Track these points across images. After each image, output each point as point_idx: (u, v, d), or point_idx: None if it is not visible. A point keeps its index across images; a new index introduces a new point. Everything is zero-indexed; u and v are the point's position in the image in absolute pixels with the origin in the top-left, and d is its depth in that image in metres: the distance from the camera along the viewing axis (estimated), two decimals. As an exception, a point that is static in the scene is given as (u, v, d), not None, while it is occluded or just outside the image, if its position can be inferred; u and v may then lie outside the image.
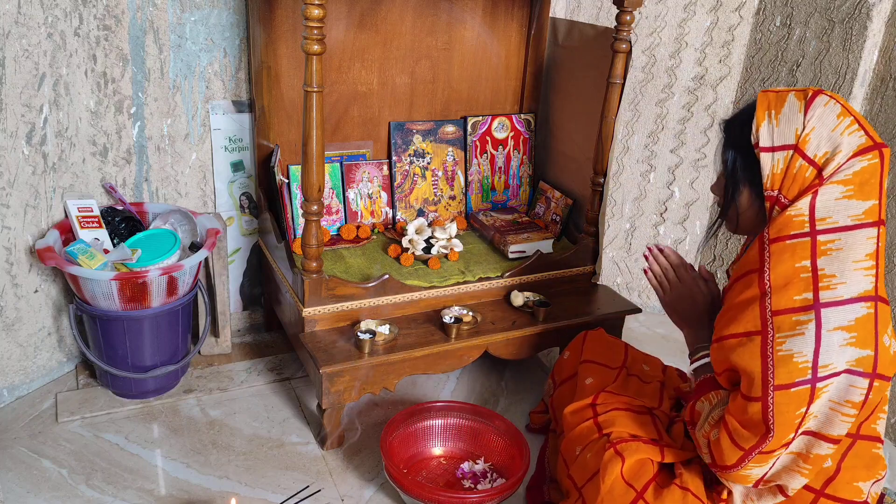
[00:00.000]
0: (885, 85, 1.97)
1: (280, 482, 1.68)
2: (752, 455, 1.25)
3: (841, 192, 1.23)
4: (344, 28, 2.02)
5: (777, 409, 1.21)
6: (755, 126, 1.29)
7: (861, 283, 1.22)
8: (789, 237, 1.25)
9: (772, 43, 2.22)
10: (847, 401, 1.21)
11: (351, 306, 1.81)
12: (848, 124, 1.24)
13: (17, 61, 1.68)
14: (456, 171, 2.27)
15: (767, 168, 1.28)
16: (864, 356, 1.20)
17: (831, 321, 1.20)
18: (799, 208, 1.25)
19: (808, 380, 1.19)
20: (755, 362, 1.23)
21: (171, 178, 2.03)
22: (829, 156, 1.24)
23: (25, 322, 1.86)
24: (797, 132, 1.26)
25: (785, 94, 1.30)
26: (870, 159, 1.23)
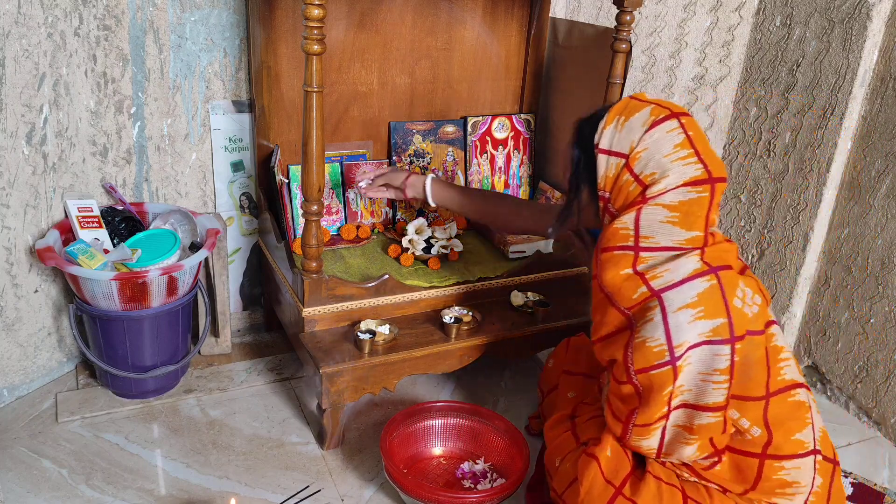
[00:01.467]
0: (885, 85, 1.97)
1: (280, 482, 1.68)
2: (629, 426, 1.36)
3: (665, 217, 1.31)
4: (344, 28, 2.03)
5: (643, 387, 1.31)
6: (602, 125, 1.37)
7: (686, 265, 1.30)
8: (616, 248, 1.34)
9: (772, 43, 2.22)
10: (715, 369, 1.28)
11: (351, 306, 1.81)
12: (685, 155, 1.30)
13: (17, 61, 1.68)
14: (456, 171, 2.27)
15: (602, 169, 1.37)
16: (718, 325, 1.27)
17: (674, 303, 1.28)
18: (624, 222, 1.34)
19: (667, 361, 1.28)
20: (620, 352, 1.34)
21: (171, 178, 2.03)
22: (657, 178, 1.31)
23: (25, 322, 1.86)
24: (632, 145, 1.33)
25: (645, 104, 1.36)
26: (699, 192, 1.30)
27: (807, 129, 2.14)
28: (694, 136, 1.32)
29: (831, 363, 2.17)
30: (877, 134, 2.00)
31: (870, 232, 2.03)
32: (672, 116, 1.33)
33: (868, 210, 2.03)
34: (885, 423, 2.03)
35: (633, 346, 1.31)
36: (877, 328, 2.02)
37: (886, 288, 1.98)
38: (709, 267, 1.30)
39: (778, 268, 2.26)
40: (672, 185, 1.30)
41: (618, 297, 1.34)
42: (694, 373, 1.29)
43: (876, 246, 2.01)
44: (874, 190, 2.01)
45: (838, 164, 2.08)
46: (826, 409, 2.14)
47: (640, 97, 1.39)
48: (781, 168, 2.22)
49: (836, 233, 2.13)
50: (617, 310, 1.35)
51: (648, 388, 1.30)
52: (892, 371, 1.99)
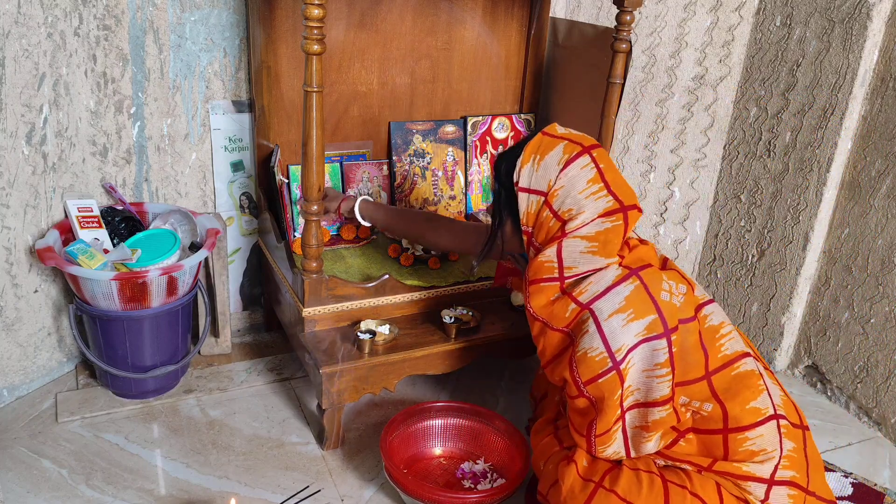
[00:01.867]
0: (885, 85, 1.97)
1: (280, 482, 1.68)
2: (591, 438, 1.39)
3: (585, 247, 1.38)
4: (344, 28, 2.02)
5: (595, 398, 1.36)
6: (519, 165, 1.43)
7: (607, 275, 1.37)
8: (543, 280, 1.42)
9: (772, 43, 2.22)
10: (656, 364, 1.33)
11: (351, 306, 1.81)
12: (596, 189, 1.38)
13: (17, 61, 1.68)
14: (456, 171, 2.27)
15: (524, 206, 1.44)
16: (650, 322, 1.33)
17: (604, 311, 1.34)
18: (548, 256, 1.41)
19: (610, 367, 1.32)
20: (567, 370, 1.39)
21: (171, 178, 2.03)
22: (574, 214, 1.39)
23: (25, 322, 1.86)
24: (549, 183, 1.40)
25: (558, 141, 1.42)
26: (613, 221, 1.38)
27: (807, 129, 2.14)
28: (605, 169, 1.40)
29: (831, 363, 2.17)
30: (877, 134, 2.00)
31: (870, 232, 2.03)
32: (584, 152, 1.40)
33: (868, 210, 2.03)
34: (886, 423, 2.03)
35: (575, 359, 1.36)
36: (877, 328, 2.02)
37: (886, 288, 1.98)
38: (629, 270, 1.38)
39: (778, 268, 2.26)
40: (588, 220, 1.38)
41: (552, 320, 1.41)
42: (638, 371, 1.34)
43: (876, 246, 2.01)
44: (874, 190, 2.01)
45: (838, 164, 2.08)
46: (826, 409, 2.14)
47: (551, 132, 1.45)
48: (781, 168, 2.22)
49: (836, 233, 2.13)
50: (555, 331, 1.41)
51: (600, 397, 1.35)
52: (892, 371, 1.99)
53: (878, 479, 1.86)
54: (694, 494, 1.35)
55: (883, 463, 1.93)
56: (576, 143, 1.42)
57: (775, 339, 2.30)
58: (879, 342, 2.01)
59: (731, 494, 1.36)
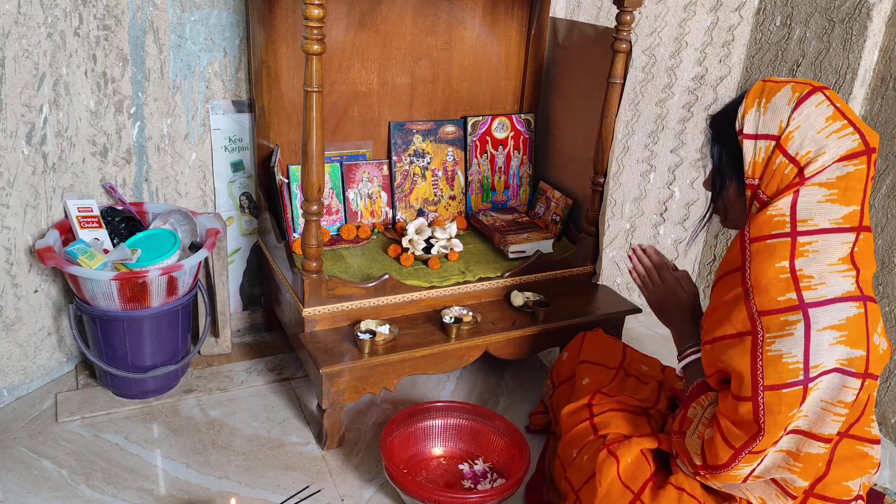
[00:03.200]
0: (885, 85, 1.97)
1: (280, 482, 1.68)
2: (742, 454, 1.24)
3: (824, 196, 1.22)
4: (344, 28, 2.02)
5: (768, 410, 1.20)
6: (742, 111, 1.28)
7: (842, 284, 1.21)
8: (770, 237, 1.23)
9: (772, 43, 2.22)
10: (839, 401, 1.20)
11: (351, 306, 1.81)
12: (839, 127, 1.22)
13: (17, 61, 1.68)
14: (456, 171, 2.27)
15: (749, 155, 1.27)
16: (855, 356, 1.19)
17: (820, 321, 1.18)
18: (780, 208, 1.24)
19: (800, 381, 1.18)
20: (745, 363, 1.22)
21: (171, 178, 2.03)
22: (813, 156, 1.23)
23: (25, 322, 1.86)
24: (781, 125, 1.24)
25: (784, 84, 1.28)
26: (856, 164, 1.22)
27: (807, 129, 2.14)
28: (842, 107, 1.25)
29: (831, 363, 2.17)
30: (877, 134, 2.00)
31: (870, 232, 2.03)
32: (816, 90, 1.25)
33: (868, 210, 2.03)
34: (886, 423, 2.02)
35: (764, 358, 1.20)
36: (877, 328, 2.02)
37: (886, 288, 1.98)
38: (860, 293, 1.21)
39: (778, 268, 2.26)
40: (829, 162, 1.22)
41: (760, 294, 1.22)
42: (817, 399, 1.21)
43: (876, 246, 2.01)
44: (874, 190, 2.01)
45: (838, 164, 2.08)
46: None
47: (774, 79, 1.31)
48: (781, 168, 2.22)
49: (837, 233, 2.13)
50: (747, 309, 1.23)
51: (773, 408, 1.20)
52: (892, 371, 1.99)
53: (879, 479, 1.86)
54: None
55: (883, 463, 1.93)
56: (803, 83, 1.26)
57: (775, 339, 2.30)
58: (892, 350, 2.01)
59: None
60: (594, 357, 1.76)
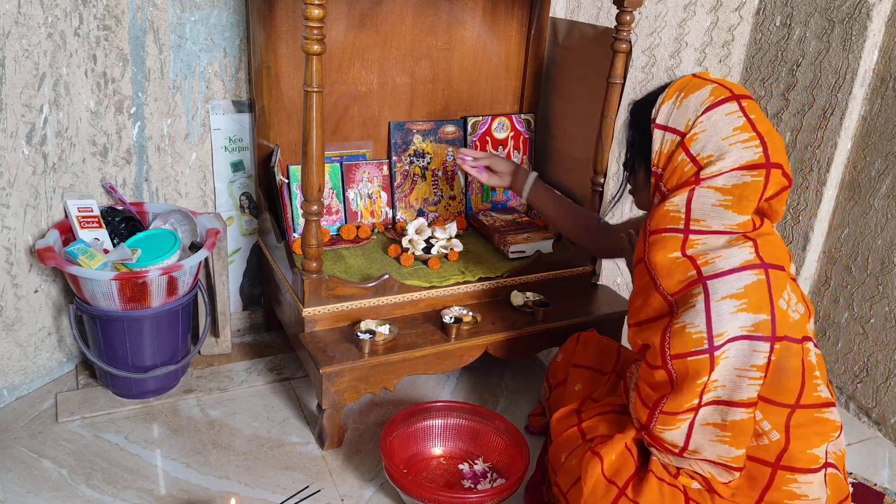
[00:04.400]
0: (885, 85, 1.97)
1: (280, 482, 1.68)
2: (656, 413, 1.32)
3: (718, 200, 1.28)
4: (344, 28, 2.03)
5: (679, 376, 1.28)
6: (661, 100, 1.35)
7: (738, 255, 1.27)
8: (666, 230, 1.32)
9: (772, 43, 2.22)
10: (752, 365, 1.26)
11: (351, 306, 1.81)
12: (746, 138, 1.28)
13: (17, 61, 1.68)
14: (456, 171, 2.27)
15: (657, 144, 1.34)
16: (760, 321, 1.25)
17: (718, 291, 1.25)
18: (676, 204, 1.31)
19: (705, 349, 1.25)
20: (657, 336, 1.32)
21: (171, 178, 2.03)
22: (712, 160, 1.29)
23: (25, 322, 1.86)
24: (688, 123, 1.31)
25: (707, 84, 1.33)
26: (754, 176, 1.27)
27: (807, 129, 2.14)
28: (756, 120, 1.29)
29: (831, 363, 2.17)
30: (877, 134, 2.00)
31: (870, 232, 2.03)
32: (732, 98, 1.30)
33: (868, 210, 2.03)
34: (885, 423, 2.03)
35: (671, 330, 1.29)
36: (877, 328, 2.02)
37: (886, 288, 1.98)
38: (761, 261, 1.27)
39: (778, 268, 2.26)
40: (727, 168, 1.28)
41: (665, 279, 1.31)
42: (730, 367, 1.27)
43: (876, 246, 2.01)
44: (874, 190, 2.01)
45: (838, 164, 2.08)
46: (826, 409, 2.14)
47: (703, 76, 1.36)
48: (781, 168, 2.22)
49: (836, 233, 2.13)
50: (660, 294, 1.32)
51: (683, 375, 1.28)
52: (892, 371, 1.99)
53: (878, 479, 1.86)
54: None
55: (883, 463, 1.93)
56: (726, 87, 1.32)
57: (775, 339, 2.30)
58: (879, 342, 2.01)
59: None
60: (587, 361, 1.76)
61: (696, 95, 1.32)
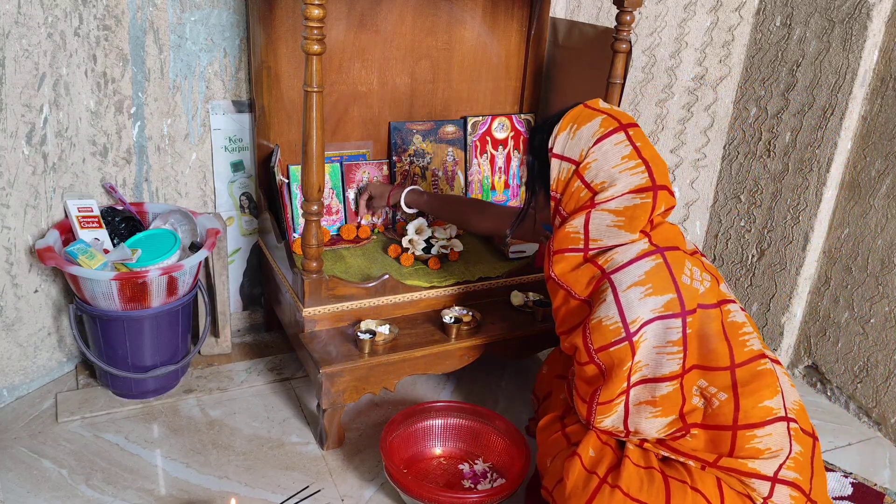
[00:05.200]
0: (885, 85, 1.97)
1: (280, 482, 1.68)
2: (593, 406, 1.42)
3: (612, 221, 1.41)
4: (344, 28, 2.03)
5: (605, 366, 1.38)
6: (556, 131, 1.47)
7: (633, 248, 1.40)
8: (567, 250, 1.45)
9: (772, 43, 2.22)
10: (668, 342, 1.36)
11: (351, 306, 1.81)
12: (632, 166, 1.40)
13: (17, 61, 1.68)
14: (456, 171, 2.27)
15: (555, 172, 1.47)
16: (668, 300, 1.36)
17: (623, 282, 1.37)
18: (575, 226, 1.44)
19: (623, 337, 1.35)
20: (579, 336, 1.42)
21: (171, 178, 2.03)
22: (606, 186, 1.41)
23: (25, 322, 1.86)
24: (581, 153, 1.43)
25: (598, 115, 1.46)
26: (643, 198, 1.40)
27: (807, 129, 2.14)
28: (641, 147, 1.42)
29: (831, 363, 2.17)
30: (877, 134, 2.00)
31: (870, 232, 2.03)
32: (620, 129, 1.43)
33: (868, 210, 2.03)
34: (885, 423, 2.03)
35: (590, 326, 1.39)
36: (877, 328, 2.02)
37: (886, 288, 1.98)
38: (655, 248, 1.40)
39: (778, 268, 2.26)
40: (619, 193, 1.40)
41: (574, 286, 1.44)
42: (649, 347, 1.36)
43: (876, 246, 2.01)
44: (874, 190, 2.01)
45: (838, 164, 2.08)
46: (826, 409, 2.14)
47: (593, 105, 1.48)
48: (781, 168, 2.22)
49: (836, 233, 2.13)
50: (576, 299, 1.44)
51: (610, 365, 1.38)
52: (892, 371, 1.99)
53: (878, 479, 1.86)
54: (695, 489, 1.36)
55: (883, 463, 1.93)
56: (614, 118, 1.45)
57: (775, 339, 2.30)
58: (879, 342, 2.01)
59: (732, 490, 1.37)
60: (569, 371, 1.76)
61: (588, 127, 1.44)
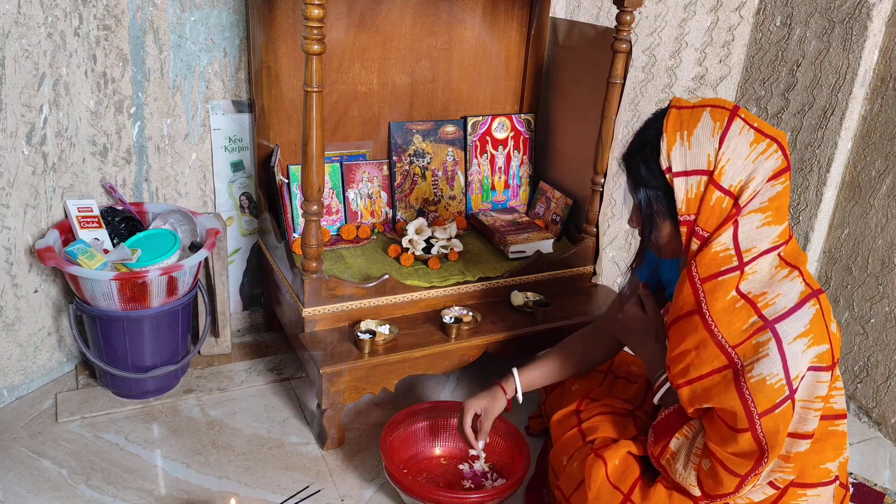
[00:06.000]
0: (885, 85, 1.97)
1: (280, 482, 1.68)
2: (749, 478, 1.25)
3: (760, 220, 1.23)
4: (344, 28, 2.02)
5: (768, 434, 1.20)
6: (665, 148, 1.24)
7: (794, 288, 1.22)
8: (720, 273, 1.23)
9: (772, 43, 2.22)
10: (816, 397, 1.23)
11: (351, 306, 1.81)
12: (763, 149, 1.22)
13: (17, 61, 1.68)
14: (456, 171, 2.27)
15: (682, 193, 1.24)
16: (823, 352, 1.22)
17: (789, 333, 1.19)
18: (723, 243, 1.23)
19: (787, 396, 1.19)
20: (733, 397, 1.21)
21: (171, 178, 2.03)
22: (744, 183, 1.22)
23: (25, 322, 1.86)
24: (709, 158, 1.22)
25: (700, 111, 1.25)
26: (782, 182, 1.23)
27: (807, 129, 2.14)
28: (760, 126, 1.24)
29: (831, 363, 2.17)
30: (877, 134, 2.00)
31: (870, 232, 2.03)
32: (733, 115, 1.23)
33: (868, 210, 2.03)
34: (886, 423, 2.03)
35: (749, 386, 1.19)
36: (877, 328, 2.02)
37: (886, 288, 1.98)
38: (811, 290, 1.23)
39: (778, 268, 2.26)
40: (759, 187, 1.22)
41: (725, 328, 1.22)
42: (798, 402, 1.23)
43: (876, 246, 2.01)
44: (874, 190, 2.01)
45: (838, 164, 2.08)
46: (826, 409, 2.14)
47: (683, 104, 1.27)
48: (781, 168, 2.22)
49: (836, 233, 2.13)
50: (720, 348, 1.23)
51: (773, 431, 1.20)
52: (892, 371, 1.99)
53: (878, 479, 1.86)
54: None
55: (883, 463, 1.93)
56: (719, 107, 1.24)
57: (775, 339, 2.30)
58: (879, 342, 2.01)
59: None
60: None
61: (702, 127, 1.23)
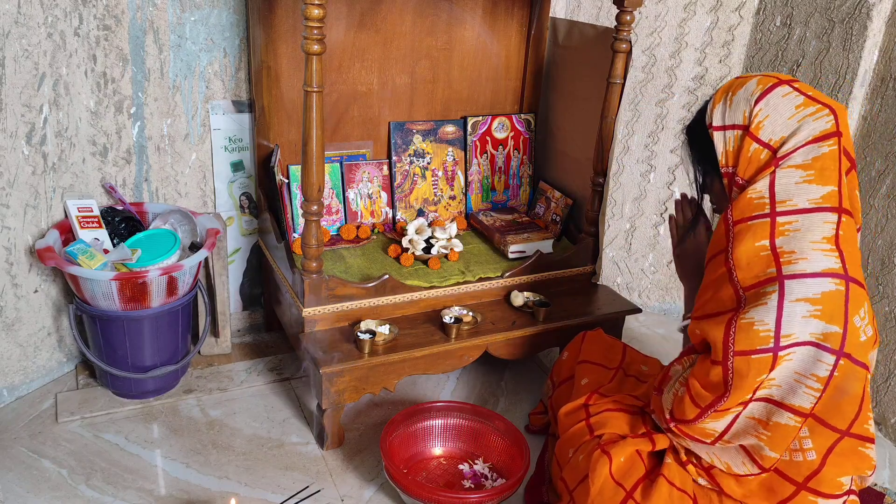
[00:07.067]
0: (885, 85, 1.97)
1: (280, 482, 1.68)
2: (707, 413, 1.29)
3: (801, 177, 1.26)
4: (344, 28, 2.02)
5: (736, 373, 1.24)
6: (711, 106, 1.36)
7: (823, 261, 1.23)
8: (750, 218, 1.28)
9: (772, 43, 2.22)
10: (812, 374, 1.23)
11: (351, 306, 1.81)
12: (812, 111, 1.27)
13: (17, 61, 1.68)
14: (456, 171, 2.27)
15: (721, 145, 1.34)
16: (831, 331, 1.22)
17: (794, 292, 1.22)
18: (758, 190, 1.28)
19: (770, 348, 1.22)
20: (719, 331, 1.27)
21: (171, 178, 2.03)
22: (785, 139, 1.28)
23: (25, 322, 1.86)
24: (744, 114, 1.31)
25: (750, 78, 1.34)
26: (830, 145, 1.26)
27: (807, 129, 2.14)
28: (815, 94, 1.29)
29: (831, 363, 2.17)
30: (877, 134, 2.00)
31: (870, 232, 2.03)
32: (782, 83, 1.31)
33: (868, 210, 2.03)
34: (885, 423, 2.03)
35: (737, 325, 1.25)
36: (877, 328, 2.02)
37: (886, 288, 1.98)
38: (845, 273, 1.23)
39: (778, 268, 2.26)
40: (801, 143, 1.26)
41: (742, 271, 1.27)
42: (790, 370, 1.24)
43: (876, 246, 2.01)
44: (874, 190, 2.01)
45: (838, 164, 2.08)
46: (826, 409, 2.14)
47: (745, 76, 1.37)
48: (781, 168, 2.22)
49: (837, 233, 2.13)
50: (733, 286, 1.28)
51: (742, 372, 1.24)
52: (892, 371, 1.99)
53: (879, 479, 1.86)
54: None
55: (883, 463, 1.93)
56: (771, 76, 1.33)
57: (775, 339, 2.30)
58: (879, 342, 2.01)
59: None
60: (594, 357, 1.76)
61: (744, 90, 1.32)
